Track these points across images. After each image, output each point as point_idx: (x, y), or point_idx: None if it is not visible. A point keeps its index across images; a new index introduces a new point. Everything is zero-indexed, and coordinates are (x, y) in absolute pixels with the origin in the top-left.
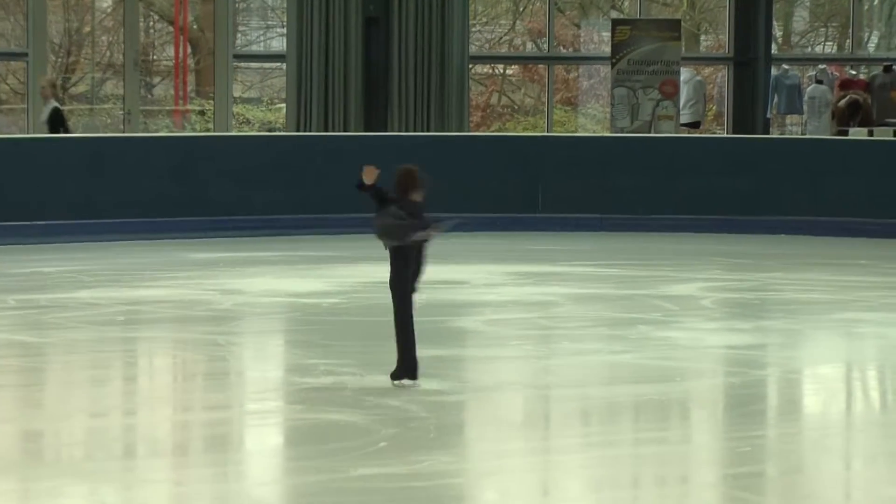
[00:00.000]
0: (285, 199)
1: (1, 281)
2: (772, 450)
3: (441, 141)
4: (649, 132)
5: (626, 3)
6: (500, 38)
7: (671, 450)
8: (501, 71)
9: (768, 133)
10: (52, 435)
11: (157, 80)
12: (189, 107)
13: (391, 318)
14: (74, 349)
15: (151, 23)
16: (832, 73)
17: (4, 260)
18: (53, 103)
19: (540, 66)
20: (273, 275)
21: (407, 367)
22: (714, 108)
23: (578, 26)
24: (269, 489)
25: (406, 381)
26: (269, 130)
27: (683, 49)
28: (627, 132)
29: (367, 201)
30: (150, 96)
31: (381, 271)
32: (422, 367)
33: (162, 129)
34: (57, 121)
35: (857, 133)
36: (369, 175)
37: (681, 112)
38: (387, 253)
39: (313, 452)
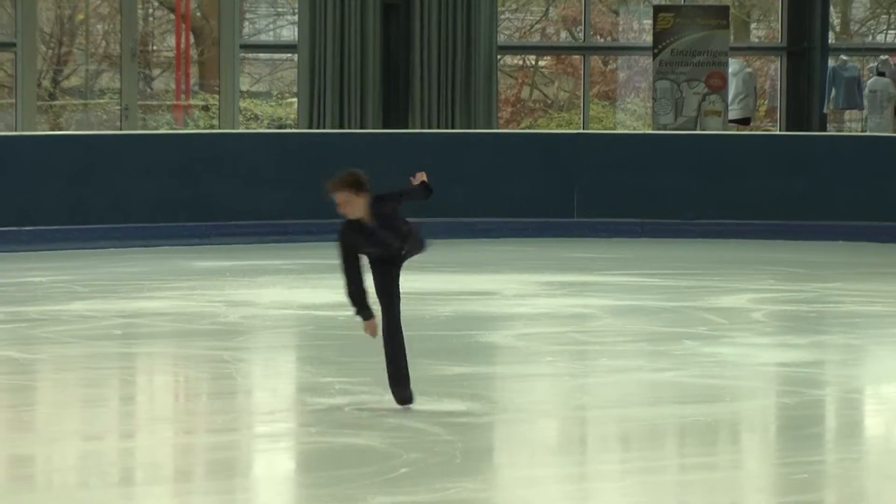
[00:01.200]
0: (297, 203)
1: None
2: (830, 476)
3: (467, 139)
4: (694, 129)
5: None
6: (532, 26)
7: (719, 476)
8: (533, 62)
9: (825, 130)
10: (42, 460)
11: (156, 72)
12: (192, 102)
13: (411, 332)
14: (67, 366)
15: (151, 10)
16: (895, 65)
17: None
18: None
19: (575, 56)
20: (284, 285)
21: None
22: (766, 102)
23: (617, 13)
24: None
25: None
26: (280, 127)
27: (732, 38)
28: (671, 129)
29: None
30: (149, 90)
31: (402, 282)
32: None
33: (162, 126)
34: None
35: None
36: None
37: (729, 107)
38: (407, 262)
39: (328, 479)
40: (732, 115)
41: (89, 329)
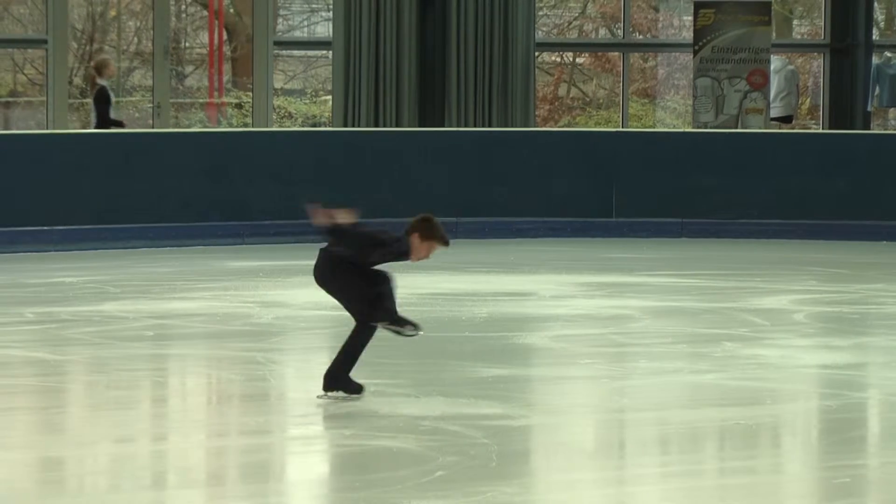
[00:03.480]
0: (331, 202)
1: (18, 292)
2: (873, 481)
3: (504, 137)
4: (736, 127)
5: None
6: (570, 22)
7: (760, 480)
8: (571, 59)
9: (868, 128)
10: (74, 463)
11: (189, 69)
12: (225, 99)
13: (447, 334)
14: (99, 367)
15: (183, 6)
16: None
17: (22, 269)
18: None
19: (614, 53)
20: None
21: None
22: (808, 100)
23: (657, 10)
24: None
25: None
26: (314, 125)
27: (774, 35)
28: (711, 127)
29: (427, 204)
30: (181, 88)
31: (437, 282)
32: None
33: (195, 124)
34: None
35: None
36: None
37: (771, 105)
38: (440, 263)
39: (362, 482)
40: (774, 112)
41: (121, 330)
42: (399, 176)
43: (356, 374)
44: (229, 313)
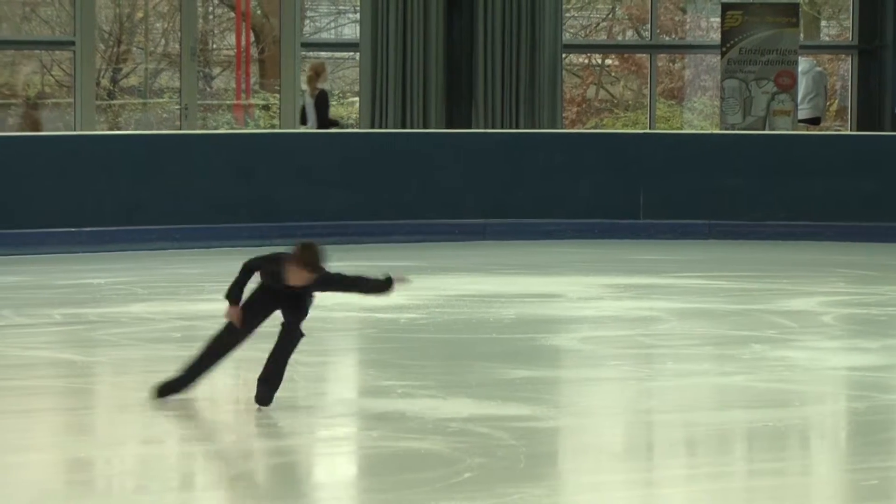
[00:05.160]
0: (358, 204)
1: (46, 294)
2: None
3: (531, 139)
4: (763, 129)
5: None
6: (598, 24)
7: (788, 483)
8: (599, 61)
9: None
10: (101, 464)
11: (216, 71)
12: (252, 101)
13: (475, 335)
14: (126, 369)
15: (211, 8)
16: None
17: (49, 270)
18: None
19: (641, 55)
20: None
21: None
22: (836, 102)
23: (684, 11)
24: None
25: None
26: (341, 127)
27: (802, 36)
28: (739, 129)
29: (454, 206)
30: (209, 89)
31: (465, 284)
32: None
33: (222, 126)
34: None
35: None
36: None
37: (799, 107)
38: (468, 264)
39: (390, 484)
40: (802, 114)
41: (148, 332)
42: (426, 178)
43: (388, 376)
44: None
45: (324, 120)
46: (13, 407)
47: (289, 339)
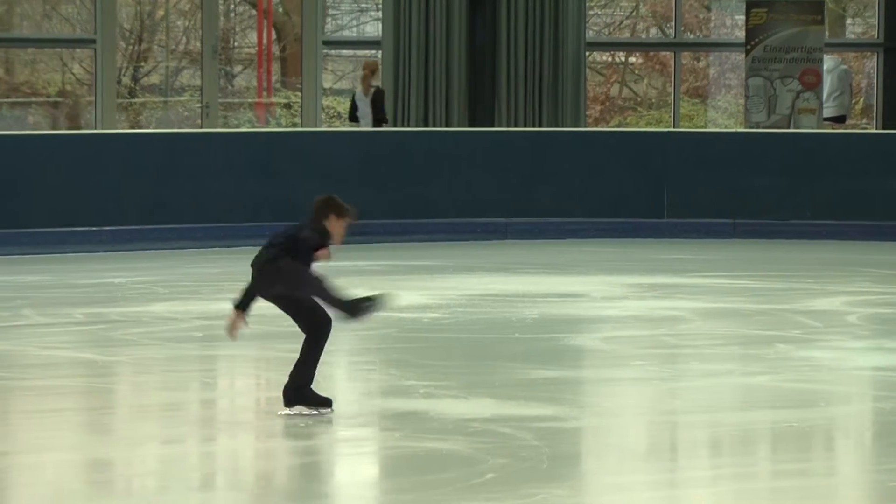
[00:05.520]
0: (380, 203)
1: (67, 293)
2: None
3: (554, 137)
4: (788, 127)
5: None
6: (621, 22)
7: (813, 483)
8: (622, 59)
9: None
10: (122, 464)
11: (238, 69)
12: (274, 99)
13: (498, 335)
14: (147, 368)
15: (232, 6)
16: None
17: (70, 270)
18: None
19: (665, 53)
20: (366, 286)
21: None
22: (862, 100)
23: (708, 9)
24: None
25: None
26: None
27: (827, 34)
28: (763, 127)
29: (477, 205)
30: (230, 87)
31: (487, 283)
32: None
33: (244, 124)
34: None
35: None
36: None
37: (824, 105)
38: (490, 263)
39: (411, 484)
40: (827, 112)
41: (170, 331)
42: (449, 176)
43: (410, 376)
44: (278, 314)
45: (382, 117)
46: (34, 406)
47: (313, 337)
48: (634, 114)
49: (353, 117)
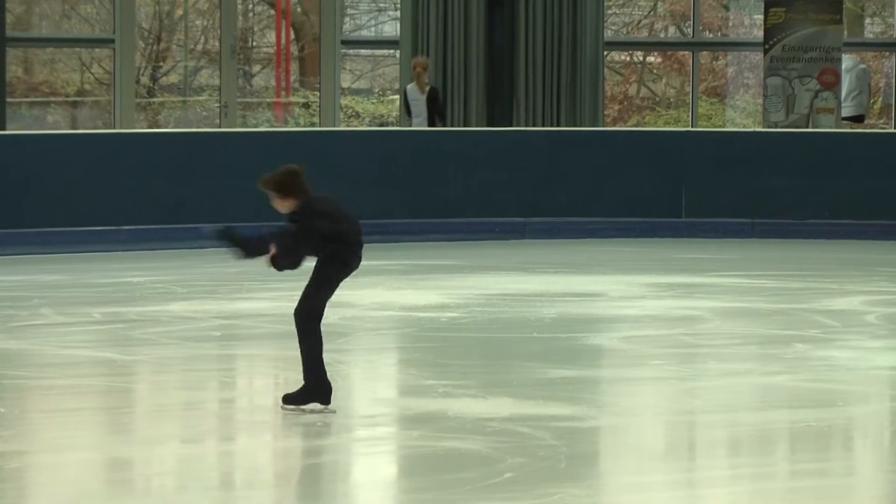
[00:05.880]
0: (398, 202)
1: (85, 292)
2: None
3: (573, 137)
4: (806, 127)
5: None
6: (639, 21)
7: (832, 483)
8: (640, 58)
9: None
10: (141, 463)
11: (256, 69)
12: (292, 99)
13: (516, 334)
14: (166, 368)
15: (251, 6)
16: None
17: (89, 269)
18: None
19: (684, 52)
20: (385, 286)
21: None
22: (880, 99)
23: (727, 8)
24: None
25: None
26: (381, 125)
27: (846, 33)
28: (782, 127)
29: (494, 204)
30: (248, 87)
31: (505, 283)
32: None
33: (262, 124)
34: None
35: None
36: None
37: (842, 104)
38: (508, 263)
39: (429, 483)
40: (845, 112)
41: (188, 330)
42: (467, 176)
43: (429, 376)
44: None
45: (441, 114)
46: (52, 406)
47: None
48: (652, 113)
49: (407, 115)
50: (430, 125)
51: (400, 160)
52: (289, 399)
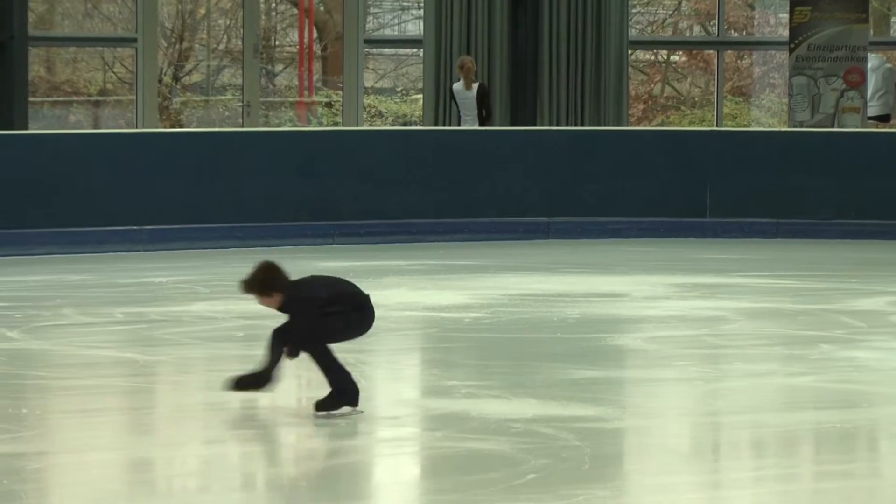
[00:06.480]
0: (422, 202)
1: (107, 292)
2: None
3: (597, 136)
4: (832, 126)
5: None
6: (664, 20)
7: (857, 485)
8: (665, 57)
9: None
10: (163, 464)
11: (279, 68)
12: (315, 98)
13: (539, 335)
14: (188, 368)
15: (273, 4)
16: None
17: (111, 269)
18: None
19: (708, 51)
20: (408, 286)
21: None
22: None
23: (752, 7)
24: None
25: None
26: (404, 125)
27: (872, 32)
28: (807, 126)
29: (518, 204)
30: (271, 86)
31: (529, 283)
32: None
33: (285, 123)
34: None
35: None
36: None
37: (868, 104)
38: (532, 263)
39: (453, 484)
40: (871, 111)
41: (211, 331)
42: (490, 176)
43: (452, 376)
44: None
45: (490, 111)
46: (75, 406)
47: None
48: (677, 113)
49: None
50: (482, 123)
51: (423, 160)
52: (321, 406)
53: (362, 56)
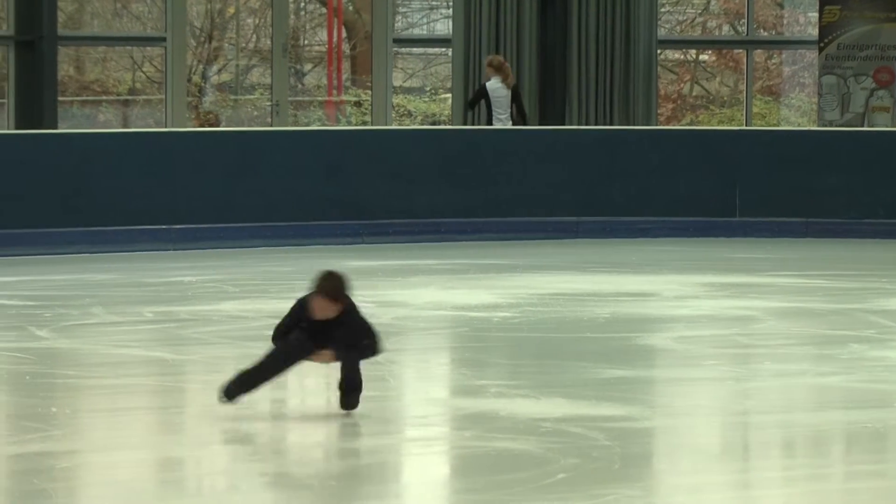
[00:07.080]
0: (451, 201)
1: (137, 291)
2: None
3: (626, 136)
4: (862, 125)
5: None
6: (693, 19)
7: (888, 485)
8: (694, 56)
9: None
10: (192, 463)
11: (308, 67)
12: (344, 97)
13: (569, 334)
14: (217, 367)
15: (302, 4)
16: None
17: (140, 268)
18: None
19: (738, 51)
20: (437, 285)
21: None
22: None
23: (781, 6)
24: None
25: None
26: (433, 124)
27: None
28: (837, 125)
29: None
30: (300, 86)
31: (558, 282)
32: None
33: (314, 123)
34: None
35: None
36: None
37: None
38: (561, 262)
39: (483, 484)
40: None
41: (240, 330)
42: (519, 175)
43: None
44: None
45: (524, 112)
46: (104, 405)
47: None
48: (706, 112)
49: (472, 106)
50: (517, 123)
51: (452, 159)
52: (351, 404)
53: (391, 55)
